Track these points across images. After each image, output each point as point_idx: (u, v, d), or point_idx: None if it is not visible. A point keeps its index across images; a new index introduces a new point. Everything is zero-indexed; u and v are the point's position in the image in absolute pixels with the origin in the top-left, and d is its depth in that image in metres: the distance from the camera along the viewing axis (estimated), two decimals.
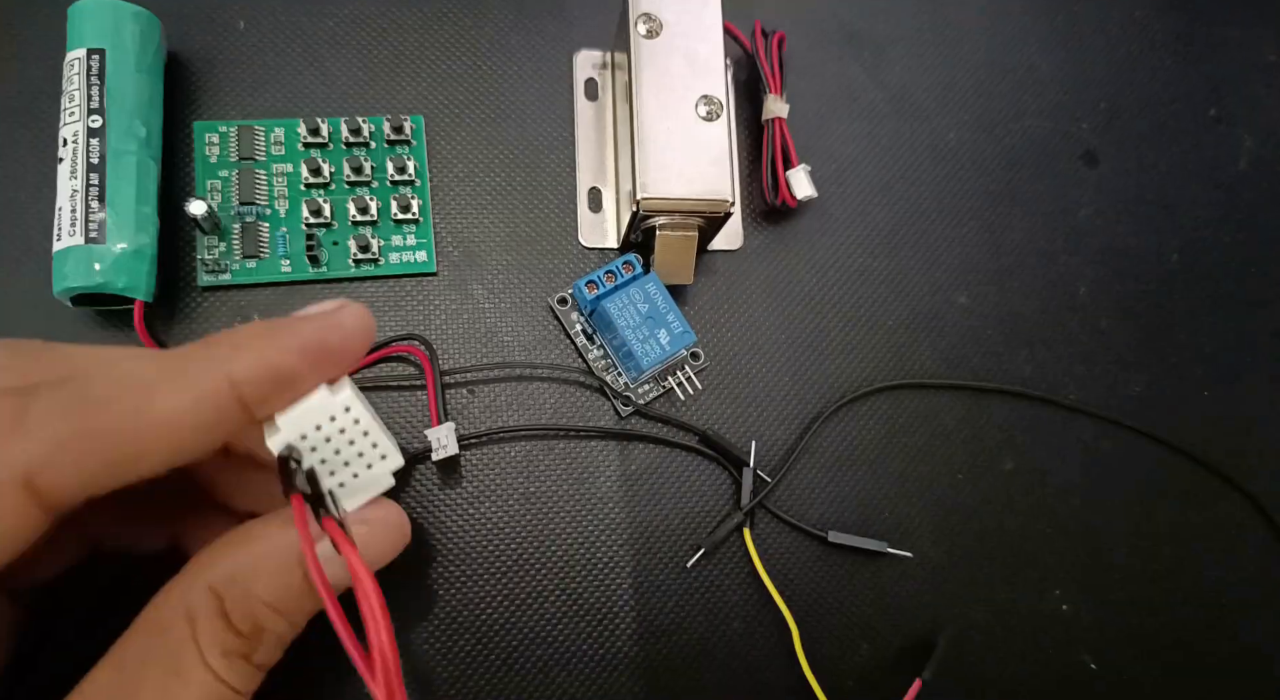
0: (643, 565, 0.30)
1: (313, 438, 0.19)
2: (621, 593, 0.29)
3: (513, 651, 0.28)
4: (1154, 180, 0.38)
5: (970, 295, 0.35)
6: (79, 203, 0.25)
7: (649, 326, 0.29)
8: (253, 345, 0.19)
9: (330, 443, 0.20)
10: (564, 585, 0.29)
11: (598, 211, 0.33)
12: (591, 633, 0.29)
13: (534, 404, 0.30)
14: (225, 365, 0.18)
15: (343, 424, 0.20)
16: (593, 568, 0.29)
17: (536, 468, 0.30)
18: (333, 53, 0.32)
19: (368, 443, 0.20)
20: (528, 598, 0.28)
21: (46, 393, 0.17)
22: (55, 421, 0.16)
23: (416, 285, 0.30)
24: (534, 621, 0.28)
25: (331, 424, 0.20)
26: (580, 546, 0.29)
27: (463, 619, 0.28)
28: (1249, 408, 0.36)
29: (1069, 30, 0.39)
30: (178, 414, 0.17)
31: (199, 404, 0.18)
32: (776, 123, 0.33)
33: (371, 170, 0.30)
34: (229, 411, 0.18)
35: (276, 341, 0.19)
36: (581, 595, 0.29)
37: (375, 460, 0.20)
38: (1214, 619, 0.34)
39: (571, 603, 0.29)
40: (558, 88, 0.33)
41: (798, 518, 0.31)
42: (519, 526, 0.29)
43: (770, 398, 0.32)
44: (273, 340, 0.19)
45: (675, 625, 0.29)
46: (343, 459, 0.20)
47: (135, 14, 0.27)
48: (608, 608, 0.29)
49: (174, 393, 0.17)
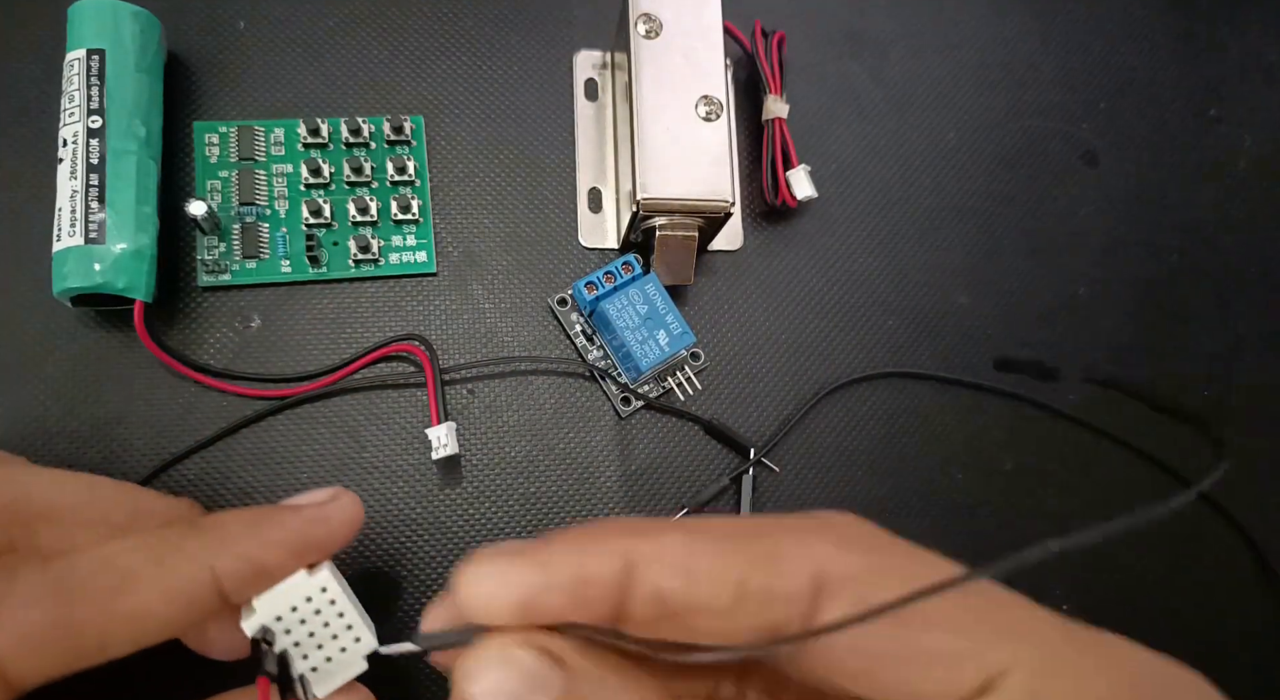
0: None
1: (288, 619, 0.20)
2: None
3: None
4: (1154, 180, 0.38)
5: (970, 295, 0.35)
6: (79, 203, 0.25)
7: (648, 327, 0.29)
8: (239, 541, 0.19)
9: (305, 624, 0.20)
10: None
11: (598, 212, 0.33)
12: None
13: (534, 404, 0.30)
14: (210, 559, 0.18)
15: (319, 605, 0.20)
16: None
17: (536, 468, 0.30)
18: (333, 53, 0.32)
19: (342, 624, 0.20)
20: None
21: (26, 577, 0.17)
22: (31, 611, 0.17)
23: (416, 285, 0.30)
24: None
25: (308, 605, 0.20)
26: None
27: None
28: (1249, 407, 0.36)
29: (1069, 30, 0.39)
30: (152, 607, 0.18)
31: (175, 598, 0.18)
32: (776, 123, 0.33)
33: (371, 170, 0.30)
34: (206, 602, 0.18)
35: (262, 536, 0.19)
36: None
37: (349, 642, 0.20)
38: (1211, 616, 0.34)
39: None
40: (558, 88, 0.33)
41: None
42: (519, 526, 0.29)
43: (770, 398, 0.32)
44: (258, 535, 0.19)
45: None
46: (316, 641, 0.20)
47: (135, 14, 0.27)
48: None
49: (152, 586, 0.18)
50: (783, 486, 0.31)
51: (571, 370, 0.31)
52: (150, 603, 0.18)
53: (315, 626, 0.20)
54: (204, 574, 0.18)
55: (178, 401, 0.28)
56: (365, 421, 0.29)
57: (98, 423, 0.27)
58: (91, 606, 0.17)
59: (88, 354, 0.27)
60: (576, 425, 0.30)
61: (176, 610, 0.18)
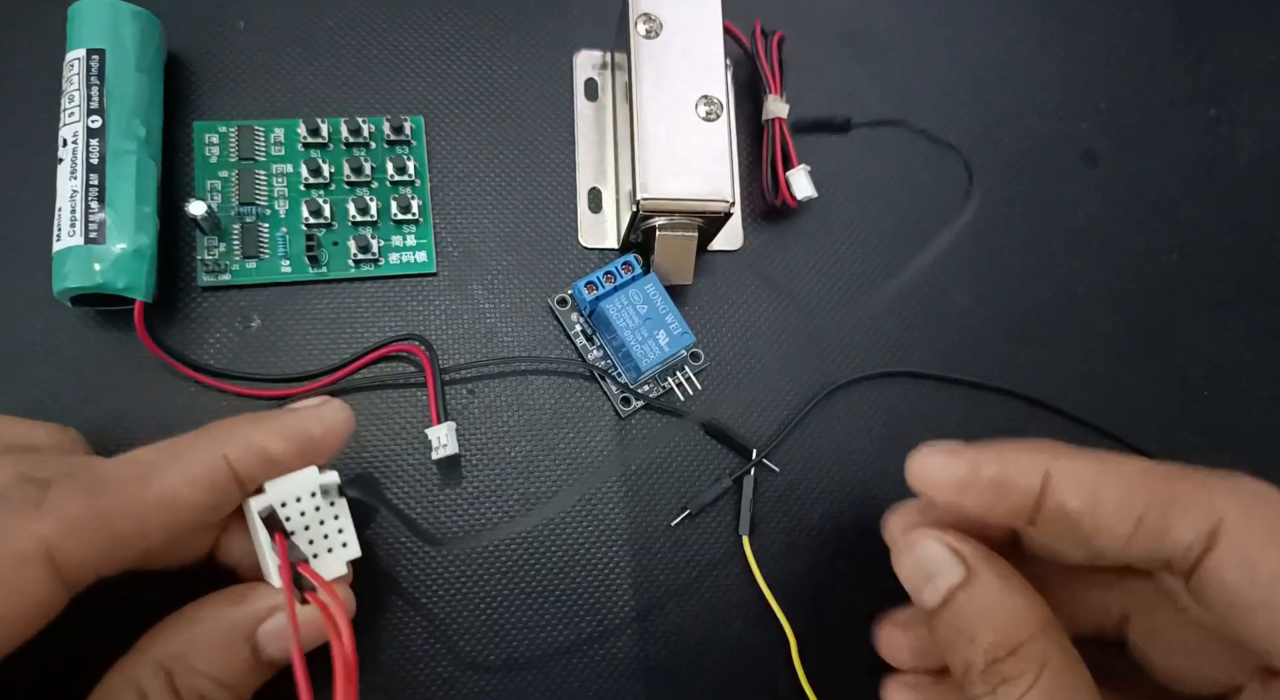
0: (643, 565, 0.30)
1: (290, 507, 0.22)
2: (621, 592, 0.29)
3: (513, 651, 0.28)
4: (1154, 180, 0.38)
5: (970, 295, 0.35)
6: (79, 203, 0.25)
7: (648, 328, 0.29)
8: (243, 430, 0.21)
9: (304, 517, 0.22)
10: (564, 585, 0.29)
11: (598, 212, 0.33)
12: (591, 633, 0.29)
13: (534, 404, 0.30)
14: (220, 447, 0.21)
15: (319, 503, 0.22)
16: (593, 568, 0.29)
17: (536, 468, 0.30)
18: (333, 53, 0.32)
19: (335, 527, 0.23)
20: (528, 598, 0.28)
21: (60, 480, 0.19)
22: (69, 503, 0.18)
23: (416, 285, 0.30)
24: (534, 621, 0.28)
25: (310, 500, 0.22)
26: (580, 546, 0.29)
27: (462, 619, 0.28)
28: (1249, 408, 0.36)
29: (1069, 30, 0.39)
30: (177, 490, 0.20)
31: (197, 480, 0.20)
32: (776, 123, 0.33)
33: (371, 170, 0.30)
34: (224, 487, 0.20)
35: (265, 427, 0.21)
36: (581, 595, 0.29)
37: (337, 546, 0.23)
38: None
39: (571, 603, 0.29)
40: (558, 88, 0.33)
41: (796, 518, 0.31)
42: (519, 526, 0.29)
43: (770, 398, 0.32)
44: (261, 426, 0.21)
45: (676, 626, 0.29)
46: (309, 537, 0.22)
47: (135, 14, 0.27)
48: (608, 608, 0.29)
49: (175, 473, 0.20)
50: (783, 487, 0.31)
51: (571, 370, 0.31)
52: (176, 488, 0.20)
53: (312, 522, 0.22)
54: (218, 460, 0.20)
55: (178, 401, 0.28)
56: (365, 421, 0.29)
57: (98, 423, 0.27)
58: (124, 495, 0.19)
59: (88, 354, 0.27)
60: (576, 425, 0.30)
61: (200, 493, 0.20)
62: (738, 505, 0.30)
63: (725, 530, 0.30)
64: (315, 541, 0.22)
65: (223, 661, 0.21)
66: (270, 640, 0.21)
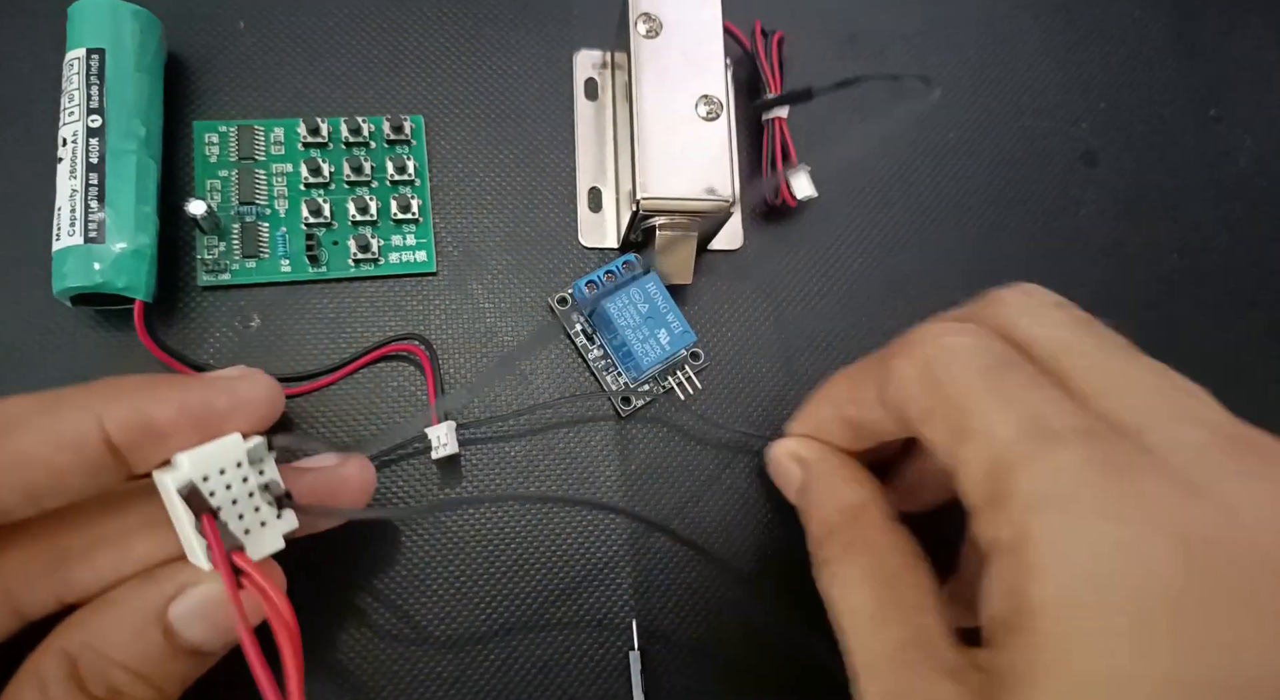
0: (643, 566, 0.30)
1: (214, 481, 0.19)
2: (621, 592, 0.29)
3: (513, 651, 0.28)
4: (1154, 180, 0.38)
5: (970, 295, 0.35)
6: (78, 202, 0.25)
7: (649, 326, 0.29)
8: (132, 393, 0.19)
9: (230, 491, 0.19)
10: (564, 585, 0.29)
11: (598, 211, 0.33)
12: (591, 632, 0.29)
13: (534, 404, 0.30)
14: (97, 408, 0.18)
15: (247, 473, 0.20)
16: (593, 568, 0.29)
17: (536, 468, 0.30)
18: (333, 53, 0.32)
19: (266, 499, 0.20)
20: (528, 598, 0.28)
21: None
22: None
23: (416, 285, 0.30)
24: (534, 621, 0.28)
25: (237, 471, 0.19)
26: (580, 546, 0.29)
27: (462, 619, 0.28)
28: (1249, 408, 0.36)
29: (1068, 30, 0.39)
30: (36, 448, 0.17)
31: (62, 442, 0.18)
32: (776, 123, 0.33)
33: (371, 170, 0.30)
34: (95, 455, 0.18)
35: (156, 393, 0.19)
36: (581, 595, 0.29)
37: (270, 518, 0.20)
38: None
39: (571, 603, 0.29)
40: (558, 88, 0.33)
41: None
42: (519, 526, 0.29)
43: (770, 398, 0.32)
44: (152, 392, 0.19)
45: (676, 625, 0.29)
46: (238, 511, 0.20)
47: (135, 14, 0.27)
48: (608, 608, 0.29)
49: (38, 431, 0.18)
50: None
51: (572, 370, 0.31)
52: (36, 447, 0.17)
53: (240, 495, 0.20)
54: (90, 423, 0.18)
55: None
56: (365, 421, 0.29)
57: None
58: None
59: (88, 354, 0.27)
60: (576, 425, 0.30)
61: (64, 458, 0.18)
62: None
63: (724, 530, 0.30)
64: (246, 515, 0.20)
65: (134, 648, 0.19)
66: (186, 623, 0.19)
